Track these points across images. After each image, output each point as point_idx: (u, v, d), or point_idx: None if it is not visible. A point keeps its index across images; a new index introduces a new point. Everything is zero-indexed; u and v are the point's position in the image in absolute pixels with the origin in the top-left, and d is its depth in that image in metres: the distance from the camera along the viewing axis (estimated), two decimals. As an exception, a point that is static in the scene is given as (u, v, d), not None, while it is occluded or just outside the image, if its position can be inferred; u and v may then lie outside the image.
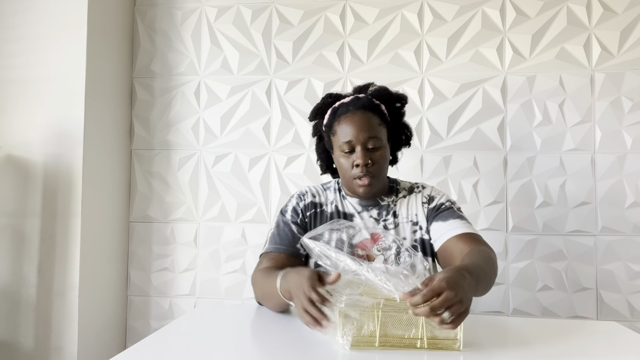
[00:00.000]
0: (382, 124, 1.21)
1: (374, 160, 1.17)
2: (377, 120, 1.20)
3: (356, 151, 1.16)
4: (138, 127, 1.95)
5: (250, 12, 1.90)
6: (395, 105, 1.28)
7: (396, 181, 1.32)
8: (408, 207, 1.25)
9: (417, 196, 1.26)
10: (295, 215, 1.24)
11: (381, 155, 1.18)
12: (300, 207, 1.26)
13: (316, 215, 1.26)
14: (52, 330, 1.64)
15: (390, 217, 1.23)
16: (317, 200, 1.27)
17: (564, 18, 1.76)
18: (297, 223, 1.23)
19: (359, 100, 1.21)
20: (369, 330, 0.82)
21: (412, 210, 1.24)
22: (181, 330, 0.95)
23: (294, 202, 1.28)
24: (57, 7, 1.68)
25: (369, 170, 1.16)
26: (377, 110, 1.21)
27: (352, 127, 1.17)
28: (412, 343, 0.83)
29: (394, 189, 1.29)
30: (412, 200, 1.26)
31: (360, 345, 0.82)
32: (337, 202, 1.27)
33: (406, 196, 1.27)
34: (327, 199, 1.28)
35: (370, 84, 1.31)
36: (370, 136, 1.16)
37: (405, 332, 0.83)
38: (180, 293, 1.91)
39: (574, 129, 1.74)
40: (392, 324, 0.83)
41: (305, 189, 1.31)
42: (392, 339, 0.83)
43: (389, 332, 0.83)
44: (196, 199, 1.91)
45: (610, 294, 1.71)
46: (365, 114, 1.18)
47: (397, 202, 1.26)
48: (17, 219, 1.66)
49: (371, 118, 1.18)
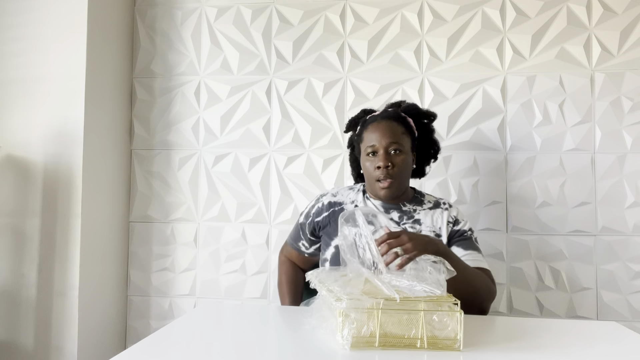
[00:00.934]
0: (407, 133, 1.30)
1: (394, 164, 1.25)
2: (401, 129, 1.29)
3: (378, 154, 1.26)
4: (138, 127, 1.95)
5: (250, 12, 1.90)
6: (423, 121, 1.39)
7: (421, 193, 1.40)
8: (433, 219, 1.31)
9: (443, 213, 1.32)
10: (306, 218, 1.41)
11: (402, 160, 1.27)
12: (313, 211, 1.39)
13: (334, 213, 1.35)
14: (52, 330, 1.64)
15: (410, 222, 1.30)
16: (336, 199, 1.38)
17: (564, 18, 1.76)
18: (306, 227, 1.41)
19: (387, 112, 1.34)
20: (369, 330, 0.82)
21: (437, 223, 1.30)
22: (181, 330, 0.95)
23: (312, 204, 1.42)
24: (58, 7, 1.68)
25: (389, 172, 1.24)
26: (403, 121, 1.32)
27: (377, 133, 1.28)
28: (412, 343, 0.83)
29: (419, 199, 1.36)
30: (437, 214, 1.32)
31: (360, 346, 0.82)
32: (358, 202, 1.35)
33: (432, 209, 1.34)
34: (349, 198, 1.37)
35: (402, 101, 1.43)
36: (393, 141, 1.26)
37: (405, 332, 0.83)
38: (180, 293, 1.91)
39: (574, 129, 1.75)
40: (392, 323, 0.83)
41: (328, 189, 1.45)
42: (392, 339, 0.83)
43: (389, 332, 0.83)
44: (196, 199, 1.91)
45: (610, 294, 1.71)
46: (390, 123, 1.29)
47: (422, 212, 1.33)
48: (17, 219, 1.66)
49: (395, 127, 1.29)
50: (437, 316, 0.83)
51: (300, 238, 1.43)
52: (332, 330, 0.85)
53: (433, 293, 0.83)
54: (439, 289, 0.84)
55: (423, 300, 0.83)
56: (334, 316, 0.84)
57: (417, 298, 0.83)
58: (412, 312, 0.82)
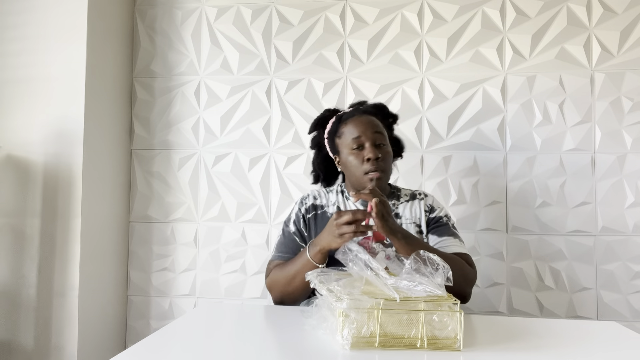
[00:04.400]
0: (384, 127, 1.31)
1: (383, 156, 1.24)
2: (381, 124, 1.30)
3: (366, 147, 1.24)
4: (138, 127, 1.95)
5: (250, 12, 1.90)
6: (388, 121, 1.39)
7: (397, 187, 1.39)
8: (412, 210, 1.31)
9: (420, 202, 1.32)
10: (297, 224, 1.30)
11: (388, 152, 1.27)
12: (302, 212, 1.31)
13: (316, 216, 1.31)
14: (52, 330, 1.64)
15: None
16: (318, 202, 1.33)
17: (564, 18, 1.76)
18: (298, 233, 1.29)
19: (362, 107, 1.34)
20: (369, 330, 0.82)
21: (416, 214, 1.30)
22: (181, 330, 0.95)
23: (296, 209, 1.34)
24: (58, 7, 1.68)
25: (379, 164, 1.23)
26: (379, 116, 1.32)
27: (360, 125, 1.26)
28: (412, 343, 0.83)
29: (395, 194, 1.36)
30: (415, 205, 1.32)
31: (360, 346, 0.82)
32: (339, 203, 1.32)
33: (409, 201, 1.33)
34: (329, 201, 1.34)
35: (364, 101, 1.42)
36: (377, 131, 1.26)
37: (405, 332, 0.83)
38: (180, 293, 1.91)
39: (574, 129, 1.75)
40: (392, 323, 0.83)
41: (308, 192, 1.37)
42: (392, 339, 0.83)
43: (389, 332, 0.83)
44: (196, 199, 1.91)
45: (610, 294, 1.71)
46: (371, 117, 1.29)
47: (400, 206, 1.32)
48: (17, 219, 1.66)
49: (376, 121, 1.30)
50: (437, 316, 0.83)
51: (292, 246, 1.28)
52: (332, 330, 0.85)
53: (433, 293, 0.83)
54: (439, 289, 0.84)
55: (423, 300, 0.83)
56: (334, 316, 0.84)
57: (417, 298, 0.83)
58: (412, 312, 0.82)
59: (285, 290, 1.19)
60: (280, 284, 1.19)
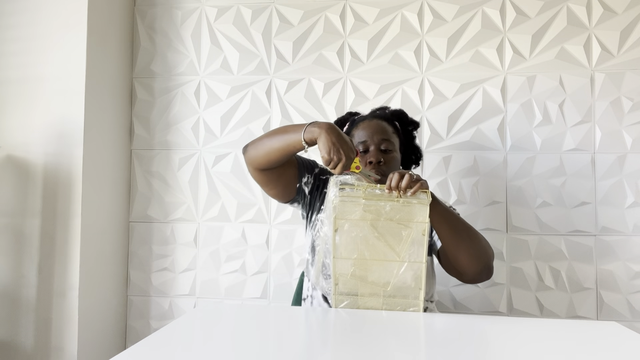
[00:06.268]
0: (395, 133, 1.32)
1: (386, 161, 1.26)
2: (391, 129, 1.31)
3: (370, 151, 1.26)
4: (138, 127, 1.95)
5: (250, 12, 1.90)
6: (408, 128, 1.41)
7: None
8: None
9: None
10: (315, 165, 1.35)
11: (392, 158, 1.28)
12: (320, 168, 1.35)
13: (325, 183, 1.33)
14: (52, 330, 1.64)
15: None
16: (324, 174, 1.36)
17: (564, 18, 1.76)
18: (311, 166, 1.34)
19: (376, 113, 1.38)
20: (358, 215, 1.03)
21: None
22: (181, 330, 0.95)
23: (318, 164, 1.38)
24: (57, 7, 1.68)
25: (381, 169, 1.24)
26: (392, 122, 1.34)
27: (368, 130, 1.29)
28: (390, 199, 1.03)
29: None
30: None
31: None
32: None
33: None
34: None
35: (387, 107, 1.46)
36: (384, 138, 1.27)
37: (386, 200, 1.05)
38: (180, 293, 1.91)
39: (574, 129, 1.75)
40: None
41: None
42: (374, 196, 1.04)
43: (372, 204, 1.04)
44: (196, 199, 1.91)
45: (610, 294, 1.71)
46: (381, 122, 1.32)
47: None
48: (17, 219, 1.66)
49: (386, 126, 1.31)
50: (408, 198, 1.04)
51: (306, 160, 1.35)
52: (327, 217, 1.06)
53: None
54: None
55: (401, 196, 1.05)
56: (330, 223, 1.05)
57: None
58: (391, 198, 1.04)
59: (262, 140, 1.23)
60: (262, 138, 1.24)
